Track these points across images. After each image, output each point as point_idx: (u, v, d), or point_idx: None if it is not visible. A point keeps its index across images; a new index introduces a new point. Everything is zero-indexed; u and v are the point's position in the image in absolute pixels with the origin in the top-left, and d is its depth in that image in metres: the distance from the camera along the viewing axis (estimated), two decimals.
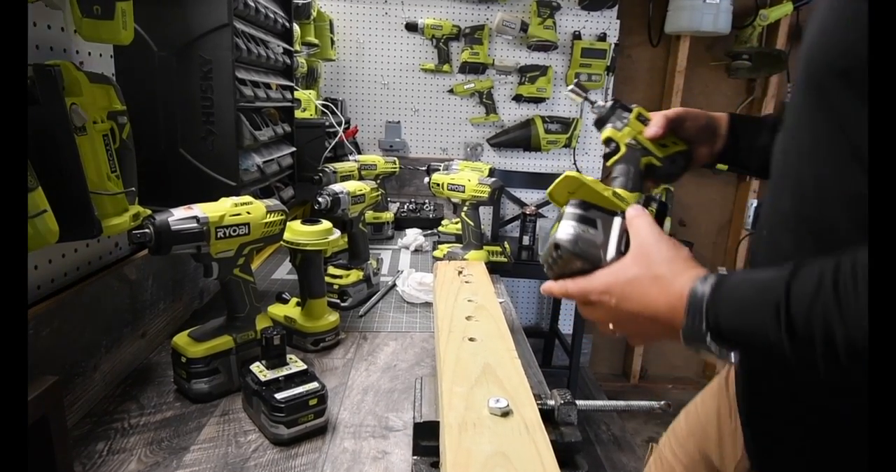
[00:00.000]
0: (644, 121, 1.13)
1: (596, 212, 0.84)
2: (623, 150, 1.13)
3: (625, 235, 0.82)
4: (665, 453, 1.21)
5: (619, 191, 1.04)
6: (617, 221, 0.84)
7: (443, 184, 2.03)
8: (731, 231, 4.17)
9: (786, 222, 0.79)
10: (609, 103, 1.16)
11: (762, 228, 0.88)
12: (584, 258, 0.81)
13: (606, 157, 1.15)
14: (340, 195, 1.65)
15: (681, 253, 0.76)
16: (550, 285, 0.86)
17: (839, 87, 0.67)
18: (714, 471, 1.05)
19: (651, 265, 0.75)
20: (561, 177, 0.99)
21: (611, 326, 0.81)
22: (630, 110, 1.15)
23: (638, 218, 0.81)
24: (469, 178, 1.99)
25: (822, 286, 0.58)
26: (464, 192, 1.98)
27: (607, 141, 1.15)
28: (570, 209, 0.84)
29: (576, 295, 0.82)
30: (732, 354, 0.67)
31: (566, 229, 0.82)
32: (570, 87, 1.23)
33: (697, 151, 1.14)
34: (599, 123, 1.17)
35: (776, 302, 0.60)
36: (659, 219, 0.91)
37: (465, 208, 2.00)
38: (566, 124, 3.76)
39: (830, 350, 0.56)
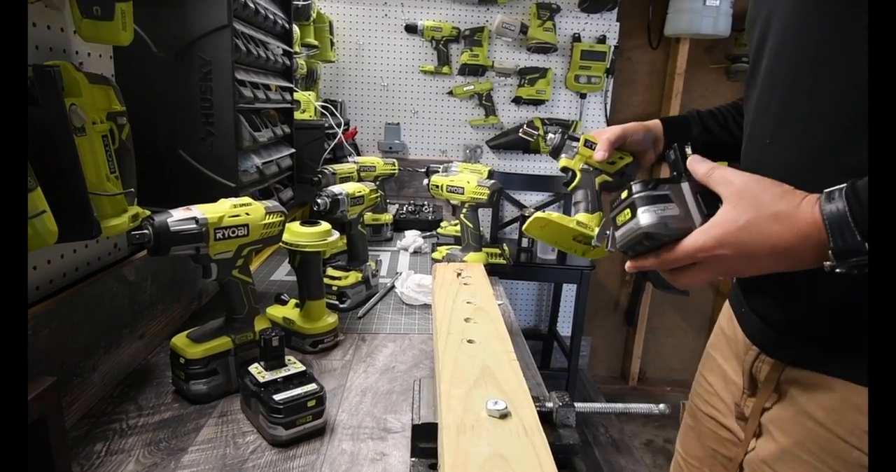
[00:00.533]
0: (591, 146, 1.24)
1: (662, 186, 0.82)
2: (579, 175, 1.26)
3: (697, 195, 0.81)
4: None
5: (581, 218, 1.22)
6: (685, 186, 0.82)
7: (442, 186, 2.03)
8: None
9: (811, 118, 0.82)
10: (558, 136, 1.29)
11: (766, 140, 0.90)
12: (677, 236, 0.79)
13: (566, 184, 1.29)
14: (339, 197, 1.65)
15: (784, 186, 0.74)
16: (642, 263, 0.84)
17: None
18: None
19: (763, 206, 0.73)
20: (531, 219, 1.19)
21: (696, 278, 0.80)
22: (577, 139, 1.27)
23: (717, 169, 0.79)
24: (468, 180, 1.99)
25: None
26: (463, 194, 1.98)
27: (564, 170, 1.29)
28: (637, 193, 0.82)
29: (683, 260, 0.79)
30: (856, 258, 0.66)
31: (649, 217, 0.80)
32: (520, 132, 1.42)
33: (643, 158, 1.26)
34: (554, 153, 1.31)
35: None
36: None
37: (464, 210, 2.00)
38: (565, 127, 3.76)
39: None
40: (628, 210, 0.83)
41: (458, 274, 1.41)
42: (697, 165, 0.82)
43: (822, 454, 0.82)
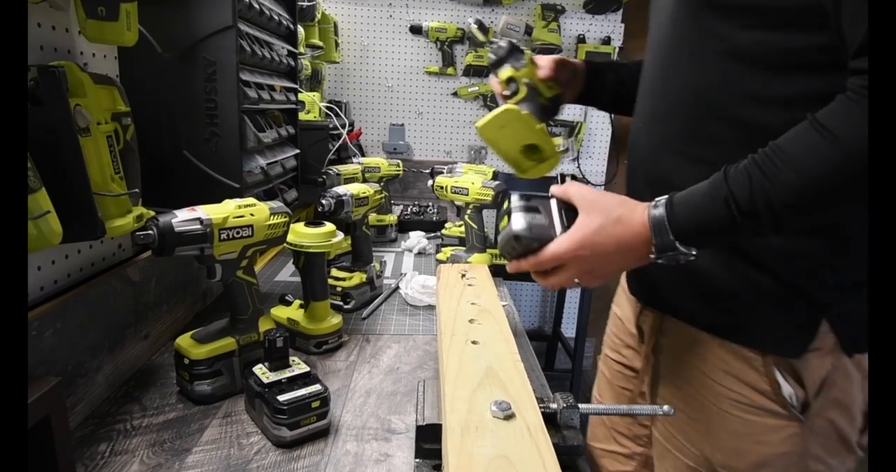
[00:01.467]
0: (534, 64, 1.30)
1: (535, 200, 0.99)
2: (523, 89, 1.26)
3: (562, 210, 0.97)
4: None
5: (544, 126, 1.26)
6: (553, 201, 0.98)
7: (446, 187, 2.03)
8: None
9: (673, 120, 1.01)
10: (506, 44, 1.30)
11: (638, 149, 1.11)
12: (540, 240, 0.95)
13: (509, 96, 1.28)
14: (344, 198, 1.65)
15: (621, 196, 0.94)
16: (518, 265, 0.99)
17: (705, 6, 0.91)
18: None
19: (608, 212, 0.91)
20: (500, 110, 1.21)
21: (576, 280, 0.96)
22: (523, 52, 1.29)
23: (571, 187, 0.96)
24: (473, 181, 1.99)
25: (751, 174, 0.79)
26: (467, 195, 1.98)
27: (509, 81, 1.28)
28: (515, 204, 0.99)
29: (549, 262, 0.95)
30: (694, 251, 0.86)
31: (519, 222, 0.96)
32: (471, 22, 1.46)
33: (564, 94, 1.34)
34: (498, 63, 1.30)
35: (724, 197, 0.81)
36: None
37: (468, 211, 2.00)
38: (570, 128, 3.76)
39: (771, 213, 0.78)
40: (506, 217, 0.99)
41: (463, 275, 1.40)
42: (555, 187, 0.99)
43: (699, 387, 1.03)
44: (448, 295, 1.26)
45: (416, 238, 2.49)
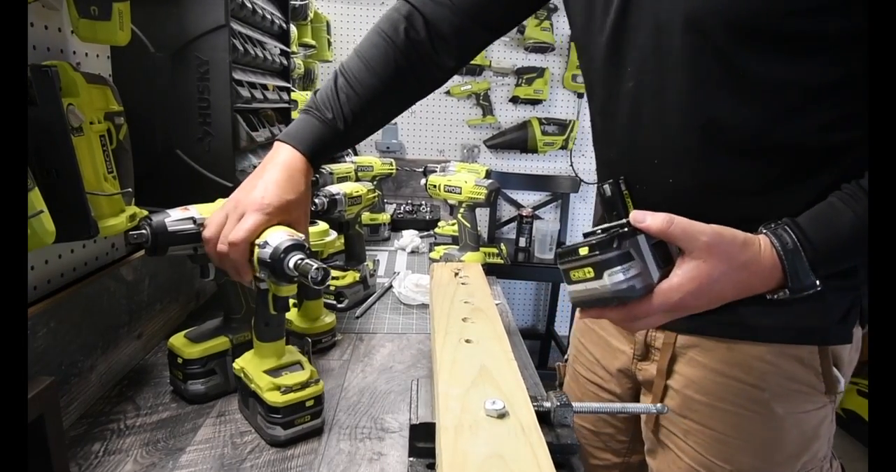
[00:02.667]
0: None
1: (624, 242, 0.77)
2: None
3: (652, 246, 0.79)
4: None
5: None
6: (642, 238, 0.79)
7: (439, 185, 2.03)
8: None
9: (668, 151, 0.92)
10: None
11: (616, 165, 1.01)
12: (642, 295, 0.79)
13: None
14: (337, 197, 1.65)
15: (742, 234, 0.78)
16: (601, 313, 0.85)
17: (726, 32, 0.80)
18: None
19: (732, 258, 0.77)
20: None
21: (665, 318, 0.82)
22: None
23: (676, 223, 0.77)
24: (465, 179, 2.00)
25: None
26: (460, 193, 1.99)
27: None
28: (601, 252, 0.78)
29: (653, 314, 0.80)
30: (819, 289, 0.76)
31: (616, 279, 0.77)
32: None
33: None
34: None
35: (862, 212, 0.73)
36: (631, 193, 0.95)
37: (461, 210, 2.00)
38: (563, 126, 3.77)
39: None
40: (590, 269, 0.79)
41: (456, 274, 1.41)
42: (650, 220, 0.78)
43: (734, 398, 0.97)
44: (441, 294, 1.26)
45: (410, 237, 2.49)
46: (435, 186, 2.05)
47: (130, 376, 1.27)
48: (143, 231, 1.04)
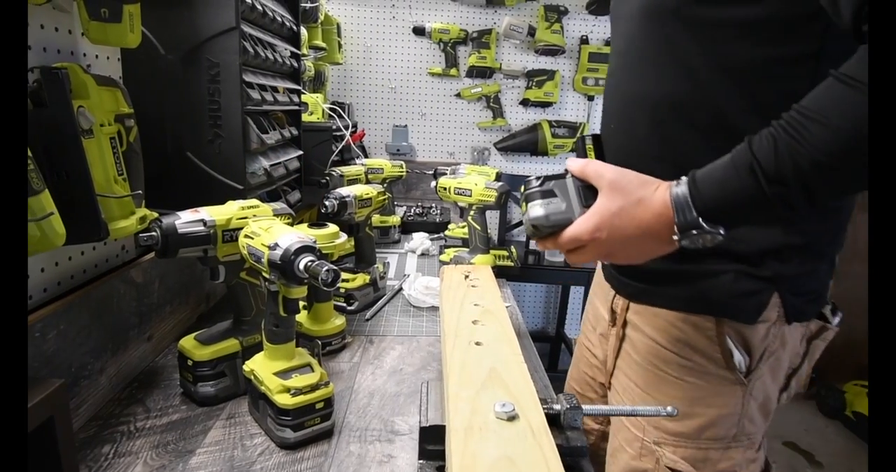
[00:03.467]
0: None
1: (551, 182, 0.95)
2: None
3: (579, 189, 0.93)
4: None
5: None
6: (569, 180, 0.94)
7: (449, 188, 2.03)
8: None
9: (633, 115, 1.07)
10: None
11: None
12: (559, 226, 0.93)
13: None
14: (347, 199, 1.65)
15: (644, 176, 0.89)
16: (543, 244, 0.98)
17: (671, 20, 0.95)
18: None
19: (629, 194, 0.87)
20: None
21: (584, 257, 0.94)
22: None
23: (589, 166, 0.91)
24: (476, 182, 1.99)
25: (776, 137, 0.76)
26: (470, 196, 1.98)
27: None
28: (530, 190, 0.96)
29: (567, 245, 0.92)
30: (722, 230, 0.81)
31: (536, 212, 0.94)
32: None
33: None
34: None
35: (748, 165, 0.77)
36: (598, 148, 1.02)
37: (471, 212, 2.00)
38: (573, 129, 3.75)
39: (800, 177, 0.73)
40: (525, 204, 0.97)
41: (466, 276, 1.40)
42: (572, 163, 0.93)
43: (653, 359, 1.10)
44: (451, 296, 1.26)
45: (420, 239, 2.49)
46: (445, 189, 2.05)
47: (140, 378, 1.27)
48: (154, 233, 1.04)
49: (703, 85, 0.95)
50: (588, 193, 0.92)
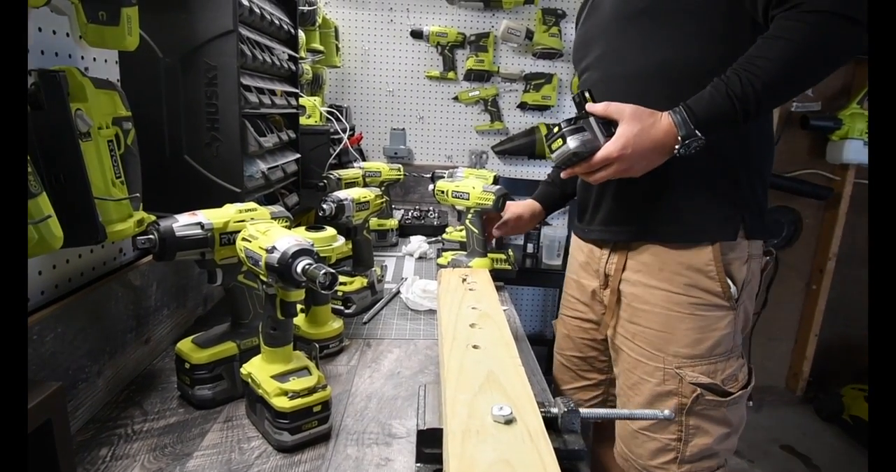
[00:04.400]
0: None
1: (578, 121, 1.26)
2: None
3: (600, 124, 1.26)
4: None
5: None
6: (592, 118, 1.27)
7: (447, 191, 2.03)
8: None
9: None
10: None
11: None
12: (592, 151, 1.25)
13: None
14: (345, 202, 1.65)
15: (648, 109, 1.25)
16: (572, 170, 1.32)
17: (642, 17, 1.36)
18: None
19: (644, 120, 1.24)
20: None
21: (612, 171, 1.26)
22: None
23: (610, 106, 1.26)
24: (473, 185, 1.99)
25: (738, 72, 1.17)
26: (468, 199, 1.98)
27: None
28: (565, 128, 1.26)
29: (599, 163, 1.25)
30: (701, 142, 1.20)
31: (574, 141, 1.24)
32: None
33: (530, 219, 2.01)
34: None
35: (724, 92, 1.17)
36: (593, 98, 1.32)
37: (469, 216, 2.00)
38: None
39: (755, 94, 1.15)
40: (560, 139, 1.26)
41: (464, 280, 1.40)
42: (595, 106, 1.28)
43: (665, 303, 1.39)
44: (449, 300, 1.26)
45: (417, 243, 2.50)
46: (443, 192, 2.05)
47: (138, 381, 1.27)
48: (151, 236, 1.04)
49: (672, 56, 1.35)
50: (607, 126, 1.26)
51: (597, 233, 1.57)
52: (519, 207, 2.00)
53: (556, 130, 1.28)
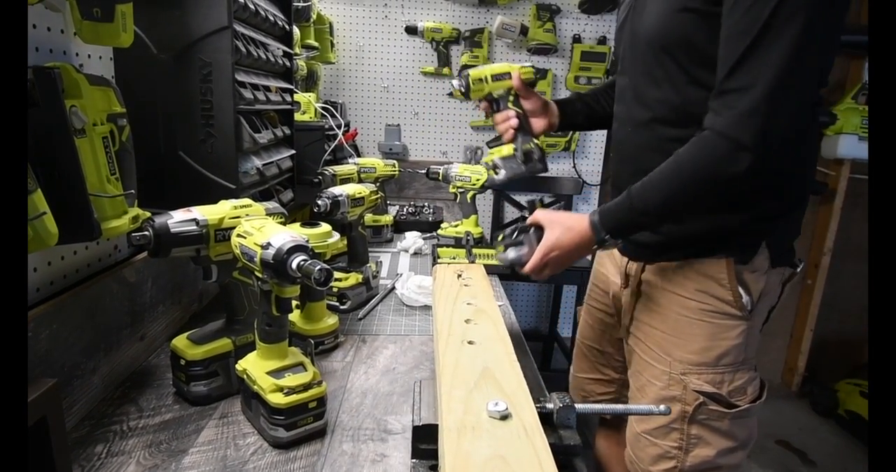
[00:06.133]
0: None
1: (521, 235, 1.40)
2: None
3: (535, 233, 1.37)
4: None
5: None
6: (531, 232, 1.38)
7: (486, 77, 1.76)
8: None
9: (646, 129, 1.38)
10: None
11: (621, 149, 1.51)
12: (525, 261, 1.36)
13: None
14: (340, 198, 1.65)
15: (570, 213, 1.41)
16: (520, 270, 1.39)
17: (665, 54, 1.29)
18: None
19: (563, 225, 1.33)
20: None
21: (548, 272, 1.36)
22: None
23: (537, 214, 1.39)
24: (510, 63, 1.82)
25: (644, 184, 1.23)
26: (509, 78, 1.70)
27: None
28: (506, 242, 1.42)
29: (532, 269, 1.35)
30: (619, 241, 1.30)
31: (512, 253, 1.39)
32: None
33: (537, 123, 1.74)
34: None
35: (629, 205, 1.24)
36: (543, 206, 1.49)
37: (510, 98, 1.74)
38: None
39: (651, 212, 1.23)
40: (502, 247, 1.42)
41: (459, 275, 1.41)
42: (531, 216, 1.40)
43: (676, 307, 1.37)
44: (444, 295, 1.26)
45: (412, 238, 2.50)
46: (481, 80, 1.75)
47: (133, 377, 1.27)
48: (146, 233, 1.04)
49: (691, 97, 1.27)
50: (540, 234, 1.36)
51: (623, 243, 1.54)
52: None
53: (500, 238, 1.45)
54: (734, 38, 1.11)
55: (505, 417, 0.78)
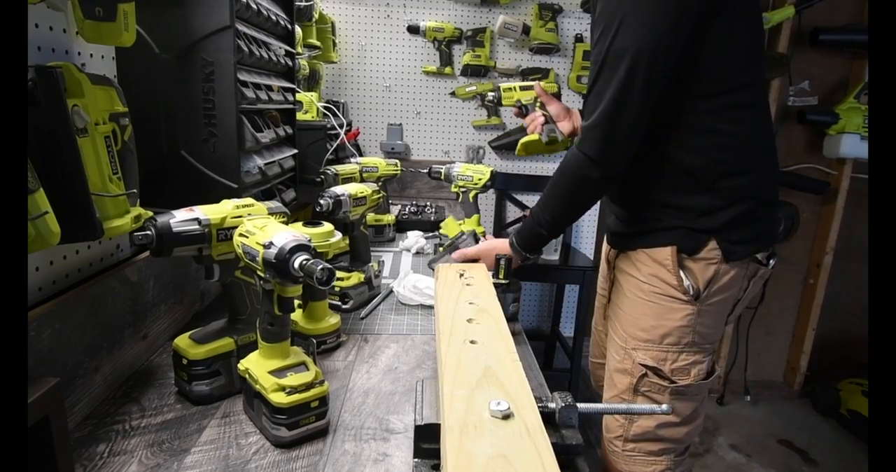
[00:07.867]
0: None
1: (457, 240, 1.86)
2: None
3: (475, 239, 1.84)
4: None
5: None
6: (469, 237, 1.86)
7: (515, 87, 2.17)
8: None
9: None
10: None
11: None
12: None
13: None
14: (342, 198, 1.65)
15: (494, 239, 1.79)
16: (457, 256, 1.76)
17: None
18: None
19: (490, 244, 1.74)
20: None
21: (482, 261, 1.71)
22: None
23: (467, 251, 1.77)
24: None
25: (540, 203, 1.59)
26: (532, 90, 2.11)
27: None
28: (458, 242, 1.87)
29: (473, 256, 1.74)
30: (529, 254, 1.68)
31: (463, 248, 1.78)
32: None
33: (563, 125, 1.96)
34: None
35: (533, 225, 1.60)
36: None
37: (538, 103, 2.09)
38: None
39: (545, 226, 1.59)
40: (445, 248, 1.87)
41: (461, 275, 1.40)
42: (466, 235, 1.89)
43: (633, 289, 1.55)
44: (446, 295, 1.26)
45: (414, 238, 2.50)
46: (511, 89, 2.18)
47: (135, 377, 1.27)
48: (148, 232, 1.04)
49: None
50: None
51: (607, 235, 1.79)
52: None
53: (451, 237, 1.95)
54: (591, 68, 1.40)
55: (507, 416, 0.78)
